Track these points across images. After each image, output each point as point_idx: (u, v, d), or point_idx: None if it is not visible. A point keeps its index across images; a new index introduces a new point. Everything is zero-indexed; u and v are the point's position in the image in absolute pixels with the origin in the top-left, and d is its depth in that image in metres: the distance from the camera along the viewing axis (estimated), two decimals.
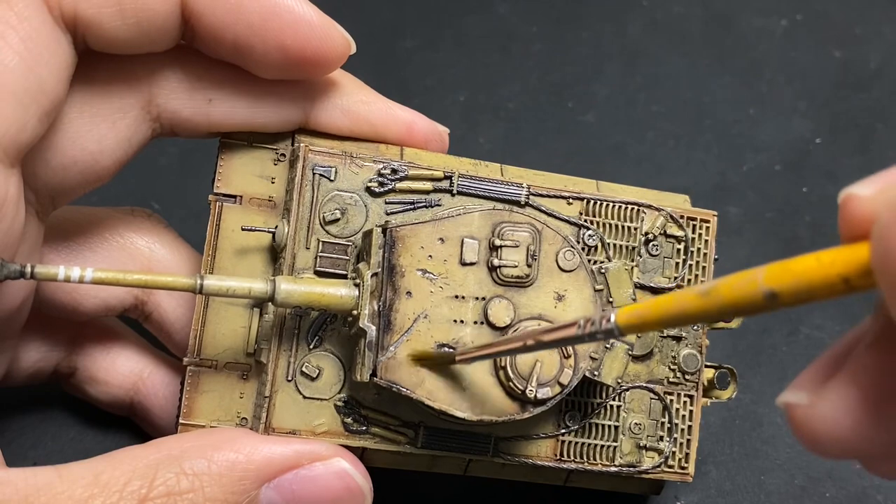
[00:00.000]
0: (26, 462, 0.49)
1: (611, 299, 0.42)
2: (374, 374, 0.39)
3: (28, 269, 0.35)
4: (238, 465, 0.37)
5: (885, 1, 0.66)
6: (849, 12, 0.66)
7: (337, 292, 0.39)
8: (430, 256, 0.39)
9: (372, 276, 0.39)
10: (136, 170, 0.46)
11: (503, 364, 0.39)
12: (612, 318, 0.30)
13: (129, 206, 0.47)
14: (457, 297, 0.39)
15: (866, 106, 0.64)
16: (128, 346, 0.48)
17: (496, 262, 0.40)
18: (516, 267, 0.40)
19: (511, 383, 0.39)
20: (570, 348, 0.39)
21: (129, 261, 0.45)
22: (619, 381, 0.43)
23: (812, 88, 0.64)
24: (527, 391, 0.39)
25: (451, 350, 0.39)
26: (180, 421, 0.41)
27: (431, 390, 0.39)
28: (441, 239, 0.40)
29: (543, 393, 0.39)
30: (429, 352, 0.39)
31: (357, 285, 0.39)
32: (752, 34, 0.65)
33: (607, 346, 0.41)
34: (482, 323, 0.39)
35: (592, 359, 0.40)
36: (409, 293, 0.39)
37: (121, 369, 0.48)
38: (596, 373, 0.41)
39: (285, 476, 0.38)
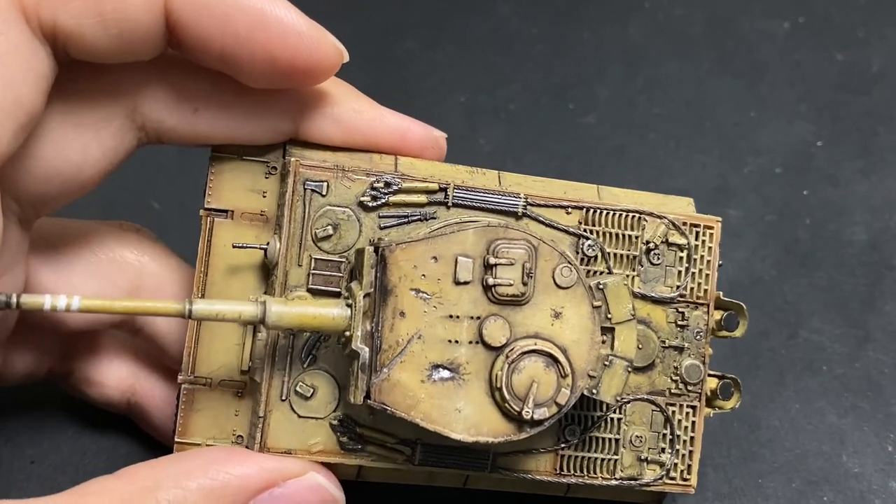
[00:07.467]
0: (24, 460, 0.49)
1: (609, 315, 0.40)
2: (367, 396, 0.38)
3: (13, 300, 0.34)
4: (214, 493, 0.37)
5: (887, 4, 0.66)
6: (851, 15, 0.66)
7: (329, 313, 0.38)
8: (424, 275, 0.38)
9: (364, 296, 0.38)
10: (137, 169, 0.45)
11: (499, 385, 0.38)
12: None
13: (126, 204, 0.47)
14: (451, 316, 0.38)
15: (868, 109, 0.63)
16: (123, 350, 0.48)
17: (491, 280, 0.38)
18: (511, 285, 0.39)
19: (507, 405, 0.38)
20: (567, 367, 0.38)
21: (119, 274, 0.44)
22: (619, 397, 0.41)
23: (814, 91, 0.64)
24: (523, 412, 0.38)
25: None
26: (176, 440, 0.41)
27: (426, 412, 0.38)
28: (434, 257, 0.38)
29: (540, 413, 0.38)
30: None
31: (349, 305, 0.38)
32: (753, 36, 0.65)
33: (606, 363, 0.40)
34: (477, 343, 0.38)
35: (590, 377, 0.39)
36: (402, 313, 0.38)
37: (117, 372, 0.47)
38: (594, 391, 0.40)
39: (261, 497, 0.38)
